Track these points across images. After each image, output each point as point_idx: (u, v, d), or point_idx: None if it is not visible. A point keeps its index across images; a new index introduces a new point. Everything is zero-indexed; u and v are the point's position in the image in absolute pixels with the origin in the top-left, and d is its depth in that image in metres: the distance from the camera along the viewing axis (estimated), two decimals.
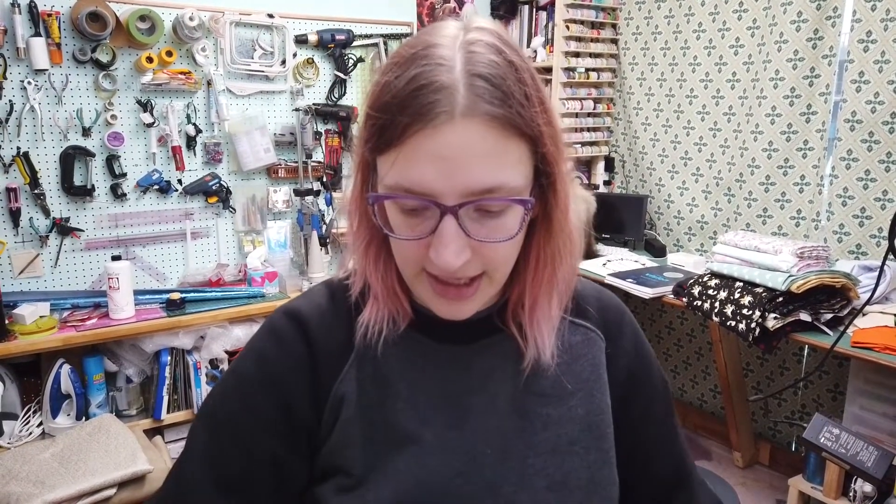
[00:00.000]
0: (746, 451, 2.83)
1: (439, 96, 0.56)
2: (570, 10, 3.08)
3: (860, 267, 2.27)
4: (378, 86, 0.60)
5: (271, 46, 2.76)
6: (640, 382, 0.78)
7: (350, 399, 0.68)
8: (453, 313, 0.65)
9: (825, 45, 2.47)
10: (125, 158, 2.52)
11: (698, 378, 3.16)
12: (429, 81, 0.57)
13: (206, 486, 0.67)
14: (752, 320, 2.15)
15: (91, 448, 1.95)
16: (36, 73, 2.31)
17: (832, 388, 2.61)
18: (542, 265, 0.68)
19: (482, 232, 0.60)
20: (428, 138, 0.56)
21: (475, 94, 0.56)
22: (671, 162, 3.11)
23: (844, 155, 2.42)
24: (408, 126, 0.56)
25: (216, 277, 2.66)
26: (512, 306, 0.71)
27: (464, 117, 0.56)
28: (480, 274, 0.63)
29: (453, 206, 0.58)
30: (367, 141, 0.61)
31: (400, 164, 0.58)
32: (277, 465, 0.68)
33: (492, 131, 0.57)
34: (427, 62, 0.58)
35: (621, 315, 0.80)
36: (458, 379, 0.70)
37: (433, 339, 0.71)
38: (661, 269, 2.78)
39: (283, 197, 2.86)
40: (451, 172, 0.57)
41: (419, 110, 0.56)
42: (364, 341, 0.69)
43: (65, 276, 2.48)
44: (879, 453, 1.22)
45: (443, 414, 0.69)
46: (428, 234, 0.60)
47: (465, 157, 0.56)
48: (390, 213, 0.62)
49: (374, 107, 0.60)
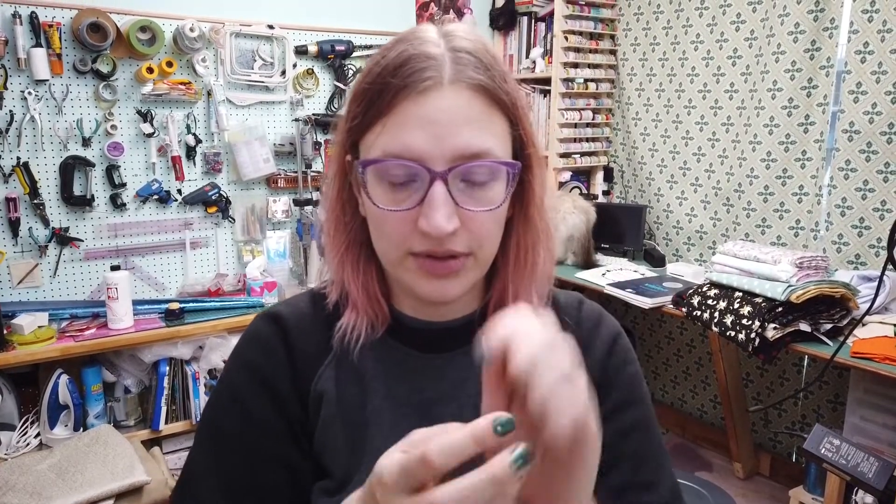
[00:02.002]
0: (747, 462, 2.82)
1: (427, 64, 0.59)
2: (568, 21, 3.10)
3: (859, 277, 2.27)
4: (368, 65, 0.64)
5: (271, 57, 2.77)
6: (609, 383, 0.74)
7: (329, 397, 0.69)
8: (440, 292, 0.64)
9: (822, 56, 2.48)
10: (125, 168, 2.53)
11: (698, 388, 3.15)
12: (417, 52, 0.60)
13: (219, 501, 0.67)
14: (752, 330, 2.15)
15: (88, 459, 1.94)
16: (36, 84, 2.31)
17: (832, 399, 2.60)
18: (522, 253, 0.69)
19: (468, 202, 0.61)
20: (417, 104, 0.59)
21: (460, 64, 0.60)
22: (670, 172, 3.12)
23: (843, 165, 2.43)
24: (398, 91, 0.59)
25: (215, 287, 2.66)
26: (493, 307, 0.71)
27: (451, 84, 0.59)
28: (468, 253, 0.63)
29: (443, 171, 0.59)
30: (354, 119, 0.63)
31: (389, 131, 0.60)
32: (287, 467, 0.68)
33: (477, 98, 0.60)
34: (413, 41, 0.62)
35: (598, 322, 0.77)
36: (430, 387, 0.70)
37: (411, 347, 0.71)
38: (661, 278, 2.78)
39: (282, 207, 2.87)
40: (440, 136, 0.58)
41: (408, 75, 0.59)
42: (342, 346, 0.70)
43: (63, 285, 2.48)
44: (880, 464, 1.22)
45: (412, 423, 0.67)
46: (416, 204, 0.60)
47: (454, 122, 0.59)
48: (375, 191, 0.62)
49: (366, 80, 0.62)
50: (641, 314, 3.20)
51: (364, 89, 0.62)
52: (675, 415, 3.21)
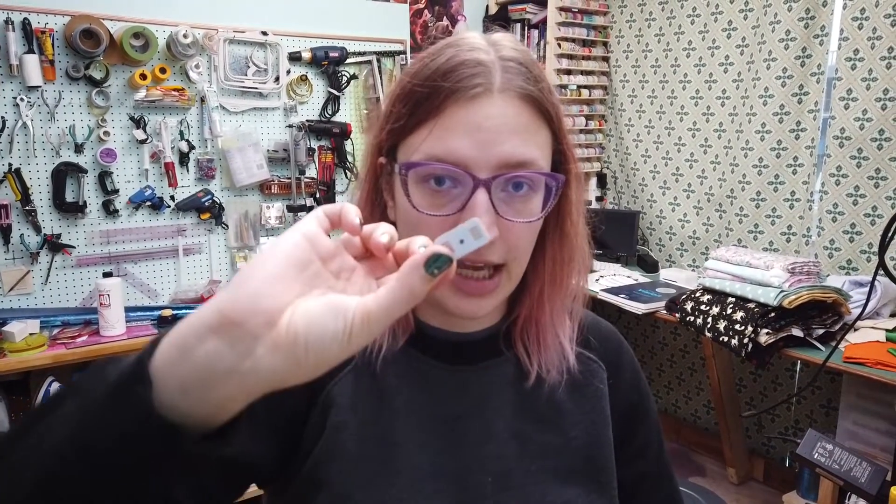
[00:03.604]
0: (741, 467, 2.82)
1: (477, 70, 0.59)
2: (561, 28, 3.11)
3: (851, 282, 2.28)
4: (417, 64, 0.63)
5: (265, 63, 2.77)
6: (639, 417, 0.77)
7: (342, 405, 0.66)
8: (472, 311, 0.64)
9: (813, 63, 2.50)
10: (117, 175, 2.52)
11: (692, 394, 3.16)
12: (469, 58, 0.60)
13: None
14: (745, 335, 2.16)
15: None
16: (29, 90, 2.31)
17: (825, 404, 2.61)
18: (557, 268, 0.68)
19: (509, 212, 0.60)
20: (465, 109, 0.58)
21: (510, 73, 0.60)
22: (662, 178, 3.13)
23: (834, 171, 2.44)
24: (449, 94, 0.59)
25: (208, 294, 2.65)
26: (521, 324, 0.70)
27: (501, 92, 0.59)
28: (501, 267, 0.63)
29: (486, 179, 0.58)
30: (398, 120, 0.62)
31: (436, 134, 0.59)
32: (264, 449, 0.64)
33: (525, 108, 0.60)
34: (462, 46, 0.62)
35: (620, 346, 0.79)
36: (455, 401, 0.69)
37: (433, 358, 0.70)
38: (654, 284, 2.79)
39: (276, 213, 2.86)
40: (486, 143, 0.58)
41: (459, 80, 0.59)
42: (363, 356, 0.68)
43: (55, 292, 2.47)
44: (873, 469, 1.22)
45: (438, 437, 0.67)
46: (457, 210, 0.59)
47: (501, 130, 0.58)
48: (415, 195, 0.61)
49: (413, 81, 0.61)
50: (635, 320, 3.21)
51: (411, 90, 0.61)
52: (668, 420, 3.21)
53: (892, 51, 2.26)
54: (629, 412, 0.76)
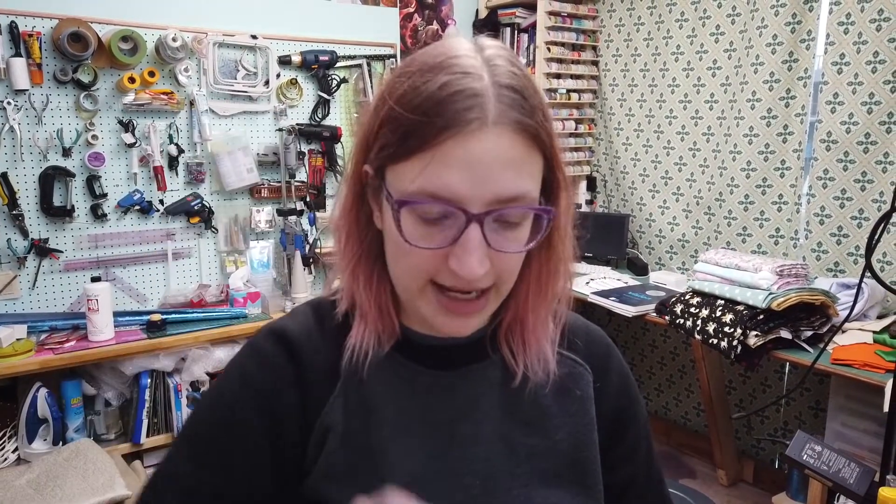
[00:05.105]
0: (730, 469, 2.84)
1: (473, 103, 0.57)
2: (551, 32, 3.12)
3: (838, 284, 2.30)
4: (404, 87, 0.59)
5: (255, 67, 2.76)
6: (628, 421, 0.77)
7: (336, 430, 0.66)
8: (457, 329, 0.64)
9: (800, 68, 2.53)
10: (106, 179, 2.50)
11: (682, 396, 3.17)
12: (463, 88, 0.57)
13: None
14: (734, 338, 2.17)
15: (68, 474, 1.91)
16: (16, 94, 2.29)
17: (814, 405, 2.63)
18: (543, 278, 0.68)
19: (501, 242, 0.60)
20: (460, 145, 0.56)
21: (504, 103, 0.58)
22: (652, 181, 3.14)
23: (821, 174, 2.47)
24: (442, 131, 0.56)
25: (198, 298, 2.63)
26: (505, 327, 0.70)
27: (495, 125, 0.57)
28: (490, 287, 0.63)
29: (479, 214, 0.58)
30: (384, 148, 0.60)
31: (430, 170, 0.57)
32: (257, 489, 0.66)
33: (519, 140, 0.58)
34: (455, 70, 0.58)
35: (608, 350, 0.78)
36: (442, 406, 0.69)
37: (419, 364, 0.70)
38: (644, 287, 2.80)
39: (266, 217, 2.85)
40: (480, 180, 0.57)
41: (454, 115, 0.56)
42: (350, 365, 0.67)
43: (43, 297, 2.44)
44: (861, 470, 1.23)
45: (428, 442, 0.67)
46: (449, 243, 0.59)
47: (495, 165, 0.57)
48: (406, 222, 0.60)
49: (402, 106, 0.58)
50: (625, 322, 3.22)
51: (400, 117, 0.58)
52: (658, 422, 3.22)
53: (878, 55, 2.29)
54: (618, 416, 0.76)
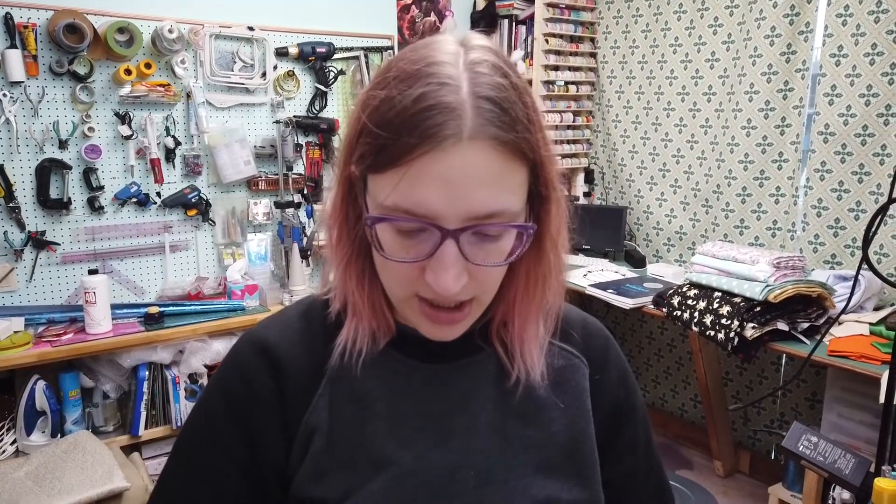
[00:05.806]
0: (727, 460, 2.85)
1: (447, 118, 0.55)
2: (549, 24, 3.12)
3: (835, 276, 2.31)
4: (378, 100, 0.57)
5: (252, 59, 2.75)
6: (627, 414, 0.77)
7: (322, 429, 0.67)
8: (443, 336, 0.64)
9: (798, 60, 2.52)
10: (103, 171, 2.49)
11: (679, 388, 3.18)
12: (437, 102, 0.55)
13: None
14: (731, 330, 2.18)
15: (66, 466, 1.92)
16: (11, 86, 2.28)
17: (810, 397, 2.64)
18: (531, 284, 0.67)
19: (479, 255, 0.59)
20: (435, 161, 0.55)
21: (483, 117, 0.55)
22: (650, 174, 3.14)
23: (818, 167, 2.47)
24: (414, 147, 0.55)
25: (195, 291, 2.63)
26: (496, 324, 0.70)
27: (471, 140, 0.55)
28: (471, 298, 0.62)
29: (455, 230, 0.57)
30: (362, 158, 0.59)
31: (403, 186, 0.56)
32: (244, 490, 0.68)
33: (497, 156, 0.56)
34: (432, 80, 0.56)
35: (606, 343, 0.78)
36: (438, 399, 0.69)
37: (413, 358, 0.70)
38: (641, 279, 2.81)
39: (263, 209, 2.85)
40: (455, 196, 0.55)
41: (427, 132, 0.54)
42: (341, 361, 0.68)
43: (40, 290, 2.44)
44: (857, 461, 1.24)
45: (423, 435, 0.67)
46: (424, 257, 0.58)
47: (471, 182, 0.55)
48: (384, 233, 0.60)
49: (377, 123, 0.57)
50: (622, 314, 3.22)
51: (373, 130, 0.57)
52: (656, 414, 3.24)
53: (876, 47, 2.29)
54: (617, 409, 0.76)
